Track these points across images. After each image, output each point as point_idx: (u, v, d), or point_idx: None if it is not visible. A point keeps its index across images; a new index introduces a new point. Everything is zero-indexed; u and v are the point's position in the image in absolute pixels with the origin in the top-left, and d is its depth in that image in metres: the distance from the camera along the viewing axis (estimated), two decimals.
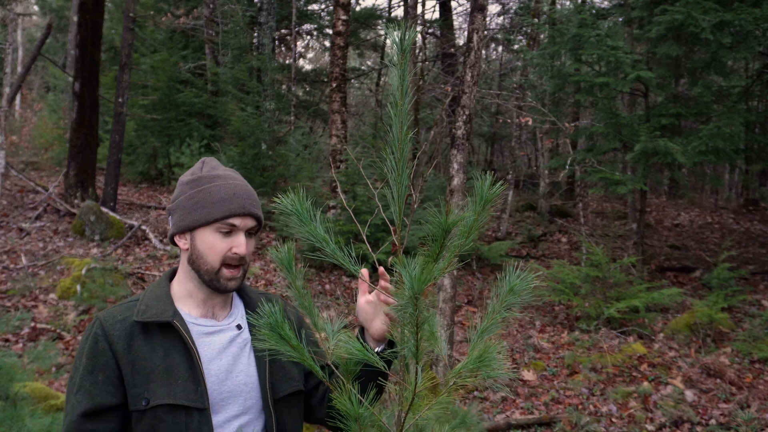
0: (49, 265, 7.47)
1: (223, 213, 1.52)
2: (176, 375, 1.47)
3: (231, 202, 1.53)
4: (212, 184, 1.56)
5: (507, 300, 1.23)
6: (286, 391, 1.61)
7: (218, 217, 1.52)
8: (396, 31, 1.16)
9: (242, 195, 1.56)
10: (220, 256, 1.53)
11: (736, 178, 17.24)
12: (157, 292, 1.57)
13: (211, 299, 1.60)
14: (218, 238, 1.53)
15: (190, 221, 1.54)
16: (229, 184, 1.57)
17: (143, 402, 1.44)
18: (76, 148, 9.67)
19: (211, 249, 1.53)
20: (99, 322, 1.50)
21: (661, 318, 7.51)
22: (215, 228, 1.53)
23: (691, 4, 7.43)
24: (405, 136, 1.19)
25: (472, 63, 5.60)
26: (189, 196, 1.56)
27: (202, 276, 1.55)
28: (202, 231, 1.54)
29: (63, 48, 20.47)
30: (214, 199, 1.53)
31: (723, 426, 5.02)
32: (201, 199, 1.55)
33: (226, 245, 1.53)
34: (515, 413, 5.37)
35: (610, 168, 8.78)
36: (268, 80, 10.96)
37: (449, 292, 5.50)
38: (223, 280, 1.54)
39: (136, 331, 1.50)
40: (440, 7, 15.05)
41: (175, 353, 1.49)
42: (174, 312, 1.53)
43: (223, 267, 1.54)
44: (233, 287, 1.56)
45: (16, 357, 4.16)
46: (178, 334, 1.51)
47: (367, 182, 3.55)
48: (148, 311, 1.51)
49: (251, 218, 1.56)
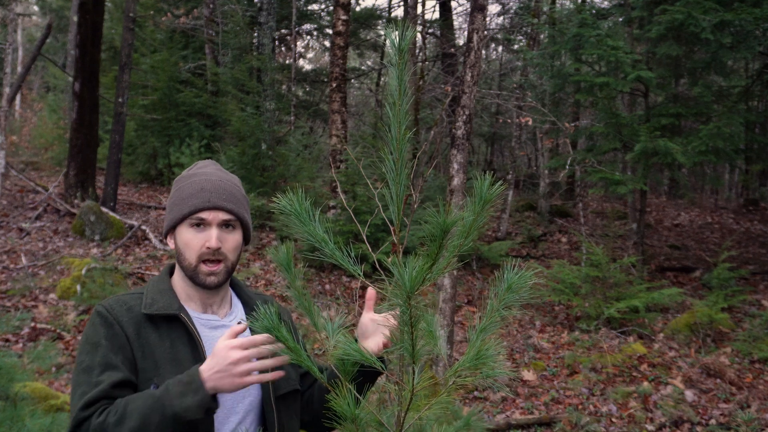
0: (49, 265, 7.47)
1: (190, 208, 1.55)
2: (183, 366, 1.48)
3: (197, 197, 1.56)
4: (186, 182, 1.60)
5: (505, 298, 1.23)
6: (286, 389, 1.62)
7: (186, 213, 1.55)
8: (394, 31, 1.16)
9: (210, 189, 1.57)
10: (195, 251, 1.55)
11: (736, 178, 17.23)
12: (161, 287, 1.59)
13: (208, 298, 1.61)
14: (192, 233, 1.56)
15: (169, 220, 1.60)
16: (201, 180, 1.59)
17: (152, 387, 1.46)
18: (76, 148, 9.67)
19: (186, 245, 1.56)
20: (105, 309, 1.52)
21: (661, 318, 7.51)
22: (188, 224, 1.56)
23: (691, 4, 7.42)
24: (404, 136, 1.19)
25: (472, 63, 5.60)
26: (171, 195, 1.62)
27: (185, 272, 1.57)
28: (179, 229, 1.58)
29: (63, 48, 20.47)
30: (184, 195, 1.57)
31: (723, 426, 5.02)
32: (176, 197, 1.59)
33: (200, 240, 1.55)
34: (515, 413, 5.37)
35: (610, 168, 8.78)
36: (268, 80, 10.96)
37: (449, 292, 5.50)
38: (201, 276, 1.55)
39: (144, 321, 1.52)
40: (440, 7, 15.05)
41: (181, 345, 1.51)
42: (180, 305, 1.56)
43: (201, 263, 1.55)
44: (212, 283, 1.56)
45: (16, 357, 4.17)
46: (183, 326, 1.53)
47: (367, 182, 3.56)
48: (155, 304, 1.54)
49: (221, 211, 1.56)
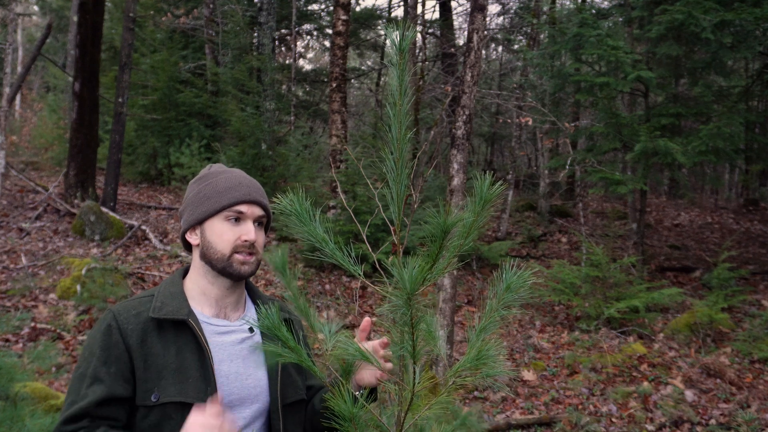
0: (49, 265, 7.47)
1: (230, 200, 1.55)
2: (187, 373, 1.47)
3: (237, 190, 1.56)
4: (218, 178, 1.60)
5: (505, 298, 1.23)
6: (293, 398, 1.61)
7: (225, 205, 1.55)
8: (395, 31, 1.16)
9: (247, 184, 1.59)
10: (230, 243, 1.55)
11: (736, 178, 17.24)
12: (172, 290, 1.57)
13: (224, 298, 1.60)
14: (227, 226, 1.55)
15: (199, 213, 1.57)
16: (235, 175, 1.61)
17: (153, 397, 1.44)
18: (76, 148, 9.67)
19: (220, 237, 1.55)
20: (113, 315, 1.51)
21: (661, 318, 7.51)
22: (223, 217, 1.56)
23: (691, 4, 7.42)
24: (404, 136, 1.19)
25: (472, 63, 5.60)
26: (196, 191, 1.60)
27: (215, 265, 1.55)
28: (211, 222, 1.57)
29: (63, 48, 20.47)
30: (220, 189, 1.57)
31: (723, 426, 5.02)
32: (208, 191, 1.58)
33: (235, 233, 1.55)
34: (515, 413, 5.37)
35: (610, 168, 8.78)
36: (268, 80, 10.95)
37: (449, 292, 5.50)
38: (236, 265, 1.55)
39: (150, 327, 1.50)
40: (440, 7, 15.05)
41: (188, 351, 1.49)
42: (189, 311, 1.53)
43: (234, 254, 1.55)
44: (247, 271, 1.56)
45: (16, 357, 4.17)
46: (191, 332, 1.51)
47: (367, 182, 3.55)
48: (163, 308, 1.52)
49: (258, 206, 1.58)
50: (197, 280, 1.60)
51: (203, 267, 1.59)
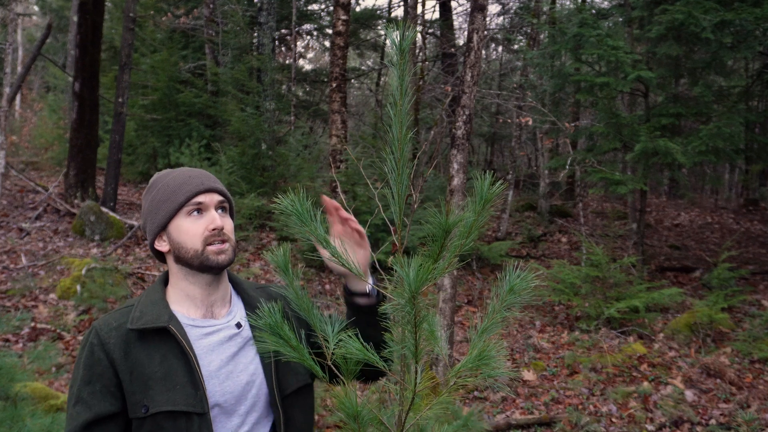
0: (49, 265, 7.47)
1: (186, 195, 1.54)
2: (175, 380, 1.45)
3: (189, 183, 1.55)
4: (167, 179, 1.59)
5: (507, 300, 1.23)
6: (294, 386, 1.59)
7: (182, 201, 1.54)
8: (395, 31, 1.16)
9: (197, 175, 1.58)
10: (199, 236, 1.53)
11: (736, 178, 17.24)
12: (152, 297, 1.56)
13: (208, 296, 1.57)
14: (191, 221, 1.54)
15: (161, 218, 1.56)
16: (183, 171, 1.60)
17: (142, 410, 1.43)
18: (76, 148, 9.67)
19: (187, 234, 1.53)
20: (95, 331, 1.49)
21: (661, 318, 7.51)
22: (185, 213, 1.54)
23: (691, 4, 7.42)
24: (405, 136, 1.19)
25: (472, 63, 5.60)
26: (151, 199, 1.59)
27: (192, 264, 1.53)
28: (174, 222, 1.55)
29: (63, 48, 20.46)
30: (173, 188, 1.56)
31: (723, 426, 5.02)
32: (161, 195, 1.57)
33: (201, 225, 1.54)
34: (515, 413, 5.37)
35: (610, 168, 8.78)
36: (268, 80, 10.95)
37: (449, 292, 5.50)
38: (212, 256, 1.52)
39: (133, 338, 1.48)
40: (440, 7, 15.05)
41: (173, 358, 1.47)
42: (170, 316, 1.50)
43: (207, 246, 1.53)
44: (225, 260, 1.54)
45: (16, 357, 4.16)
46: (174, 338, 1.48)
47: (367, 182, 3.55)
48: (143, 317, 1.49)
49: (215, 193, 1.57)
50: (177, 283, 1.58)
51: (181, 270, 1.57)
